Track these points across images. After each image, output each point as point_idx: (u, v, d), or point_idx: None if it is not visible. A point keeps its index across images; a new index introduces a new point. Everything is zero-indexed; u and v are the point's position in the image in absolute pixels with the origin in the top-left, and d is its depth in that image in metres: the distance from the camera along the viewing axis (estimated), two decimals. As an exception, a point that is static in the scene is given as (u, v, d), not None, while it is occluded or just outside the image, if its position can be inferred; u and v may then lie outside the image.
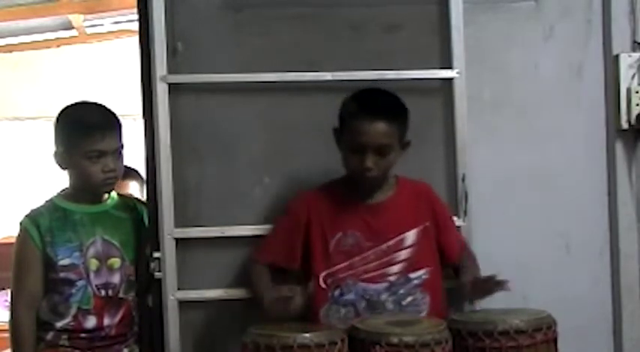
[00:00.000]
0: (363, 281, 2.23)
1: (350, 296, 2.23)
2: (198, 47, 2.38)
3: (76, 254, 2.37)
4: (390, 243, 2.24)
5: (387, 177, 2.29)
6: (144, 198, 2.75)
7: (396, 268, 2.24)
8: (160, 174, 2.32)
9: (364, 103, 2.21)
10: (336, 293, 2.23)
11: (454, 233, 2.37)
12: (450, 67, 2.44)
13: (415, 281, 2.24)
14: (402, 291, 2.23)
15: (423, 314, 2.23)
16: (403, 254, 2.25)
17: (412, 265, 2.24)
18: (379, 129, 2.16)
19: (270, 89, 2.39)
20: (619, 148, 2.60)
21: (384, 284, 2.23)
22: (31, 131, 6.37)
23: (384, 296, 2.23)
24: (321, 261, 2.24)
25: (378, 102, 2.21)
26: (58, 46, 6.34)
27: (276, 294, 2.10)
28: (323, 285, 2.24)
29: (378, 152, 2.17)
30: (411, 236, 2.26)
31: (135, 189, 3.11)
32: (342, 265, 2.23)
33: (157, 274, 2.32)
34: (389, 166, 2.23)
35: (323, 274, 2.24)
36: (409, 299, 2.23)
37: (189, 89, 2.37)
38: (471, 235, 2.42)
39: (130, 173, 2.99)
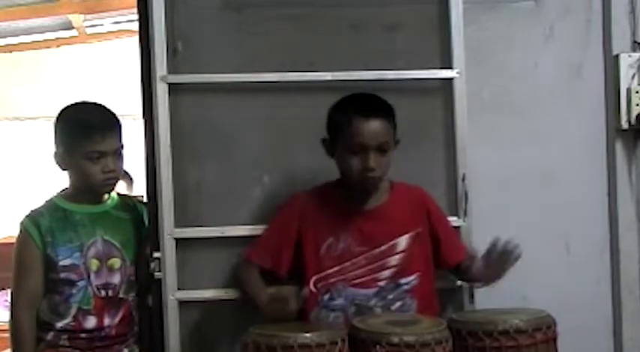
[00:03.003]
0: (353, 286, 2.22)
1: (339, 301, 2.22)
2: (198, 47, 2.38)
3: (77, 254, 2.37)
4: (383, 248, 2.23)
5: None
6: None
7: (386, 273, 2.23)
8: (160, 174, 2.32)
9: (358, 105, 2.20)
10: (326, 297, 2.22)
11: (453, 237, 2.35)
12: (450, 67, 2.44)
13: (405, 287, 2.23)
14: (390, 297, 2.22)
15: None
16: (395, 259, 2.23)
17: (403, 271, 2.23)
18: (378, 127, 2.16)
19: (270, 89, 2.39)
20: (619, 148, 2.60)
21: (374, 290, 2.22)
22: (31, 131, 6.36)
23: (373, 302, 2.21)
24: (312, 266, 2.23)
25: (370, 102, 2.21)
26: (58, 46, 6.33)
27: (273, 295, 2.10)
28: (313, 289, 2.22)
29: (378, 151, 2.16)
30: (403, 241, 2.24)
31: (122, 189, 3.10)
32: (332, 270, 2.22)
33: (157, 274, 2.33)
34: (388, 166, 2.22)
35: (313, 278, 2.23)
36: (398, 304, 2.22)
37: (189, 89, 2.37)
38: (471, 235, 2.42)
39: None
